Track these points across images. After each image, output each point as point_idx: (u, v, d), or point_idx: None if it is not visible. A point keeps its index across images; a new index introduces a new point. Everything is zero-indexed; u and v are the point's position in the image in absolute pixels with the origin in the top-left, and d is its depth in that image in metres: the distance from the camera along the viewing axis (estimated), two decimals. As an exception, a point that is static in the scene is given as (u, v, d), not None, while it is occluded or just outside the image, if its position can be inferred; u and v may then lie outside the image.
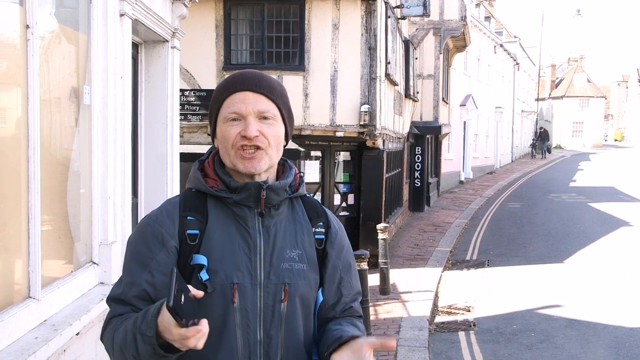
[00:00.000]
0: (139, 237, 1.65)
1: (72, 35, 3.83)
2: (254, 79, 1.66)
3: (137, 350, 1.46)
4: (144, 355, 1.46)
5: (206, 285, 1.57)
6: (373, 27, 10.12)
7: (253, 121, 1.63)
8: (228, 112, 1.65)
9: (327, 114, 10.21)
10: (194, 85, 10.01)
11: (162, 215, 1.65)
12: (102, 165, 3.97)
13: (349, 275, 1.78)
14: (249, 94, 1.64)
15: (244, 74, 1.69)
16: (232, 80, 1.68)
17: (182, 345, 1.40)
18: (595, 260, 10.93)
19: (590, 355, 6.46)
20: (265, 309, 1.61)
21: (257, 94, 1.65)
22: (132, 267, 1.62)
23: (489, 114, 31.07)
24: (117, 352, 1.56)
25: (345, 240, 1.82)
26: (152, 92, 5.27)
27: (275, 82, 1.71)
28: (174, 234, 1.62)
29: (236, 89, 1.65)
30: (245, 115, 1.63)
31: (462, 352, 6.68)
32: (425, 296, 8.59)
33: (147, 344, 1.43)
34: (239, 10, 10.40)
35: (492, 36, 31.07)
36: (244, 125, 1.63)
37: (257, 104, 1.64)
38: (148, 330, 1.43)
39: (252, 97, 1.64)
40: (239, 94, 1.64)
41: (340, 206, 11.05)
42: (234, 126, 1.63)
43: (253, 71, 1.71)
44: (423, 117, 18.00)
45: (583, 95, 56.66)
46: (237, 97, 1.64)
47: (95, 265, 3.93)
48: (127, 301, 1.60)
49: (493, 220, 15.90)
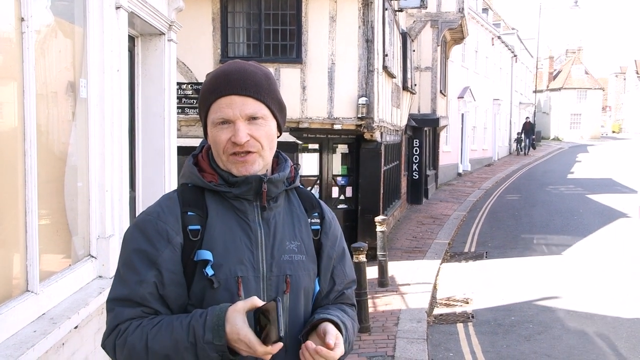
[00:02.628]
0: (140, 235, 1.61)
1: (68, 28, 3.81)
2: (239, 80, 1.61)
3: (197, 358, 1.49)
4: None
5: (212, 280, 1.57)
6: (370, 19, 10.09)
7: (242, 126, 1.59)
8: (216, 117, 1.62)
9: (325, 107, 10.20)
10: (191, 79, 9.98)
11: (163, 212, 1.63)
12: (99, 159, 3.96)
13: (342, 264, 1.79)
14: (235, 98, 1.60)
15: (229, 73, 1.63)
16: (217, 83, 1.63)
17: (251, 354, 1.47)
18: (593, 251, 10.96)
19: (587, 346, 6.49)
20: (269, 300, 1.62)
21: (244, 96, 1.61)
22: (137, 266, 1.58)
23: (486, 106, 31.05)
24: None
25: (338, 230, 1.83)
26: (149, 85, 5.25)
27: (261, 77, 1.65)
28: (179, 230, 1.60)
29: (221, 93, 1.61)
30: (234, 120, 1.60)
31: (460, 343, 6.70)
32: (423, 288, 8.61)
33: (215, 352, 1.47)
34: (235, 2, 10.36)
35: (490, 28, 31.01)
36: (233, 130, 1.60)
37: (244, 108, 1.60)
38: (216, 339, 1.46)
39: (238, 101, 1.60)
40: (225, 98, 1.60)
41: (338, 199, 11.06)
42: (224, 130, 1.61)
43: (238, 68, 1.64)
44: (421, 110, 17.99)
45: (581, 87, 56.60)
46: (224, 102, 1.60)
47: (93, 258, 3.93)
48: (139, 301, 1.56)
49: (491, 213, 15.93)
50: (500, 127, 34.85)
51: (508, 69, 36.85)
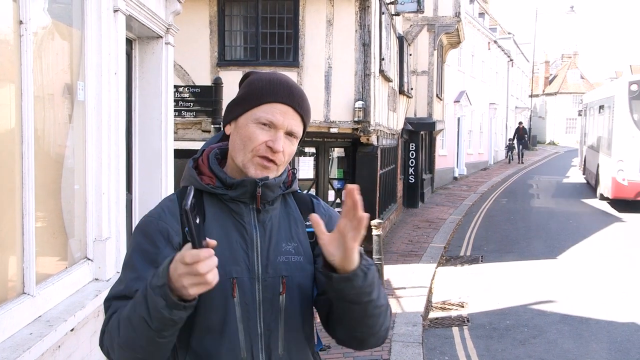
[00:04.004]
0: (142, 236, 1.64)
1: (66, 31, 3.82)
2: (298, 97, 1.67)
3: (148, 311, 1.42)
4: (155, 313, 1.41)
5: None
6: (367, 23, 10.12)
7: (283, 137, 1.64)
8: (264, 116, 1.64)
9: (322, 110, 10.22)
10: (188, 82, 9.99)
11: (164, 213, 1.66)
12: (96, 162, 3.97)
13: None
14: (290, 110, 1.65)
15: (291, 87, 1.68)
16: (280, 88, 1.67)
17: (193, 283, 1.36)
18: (589, 256, 11.00)
19: (582, 350, 6.51)
20: (265, 302, 1.63)
21: (297, 113, 1.67)
22: (137, 264, 1.60)
23: (482, 111, 31.13)
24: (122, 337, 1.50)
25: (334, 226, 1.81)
26: (146, 88, 5.26)
27: (308, 101, 1.73)
28: (178, 231, 1.63)
29: (282, 100, 1.65)
30: (279, 128, 1.64)
31: (455, 347, 6.71)
32: (419, 292, 8.62)
33: (158, 296, 1.39)
34: (233, 6, 10.38)
35: (486, 32, 31.11)
36: (272, 135, 1.63)
37: (292, 123, 1.66)
38: (159, 281, 1.40)
39: (291, 114, 1.66)
40: (282, 106, 1.65)
41: (334, 202, 11.07)
42: (264, 131, 1.64)
43: (296, 85, 1.71)
44: (417, 114, 18.01)
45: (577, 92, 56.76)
46: (280, 108, 1.64)
47: (90, 261, 3.93)
48: (132, 296, 1.55)
49: (487, 217, 15.96)
50: (497, 131, 34.93)
51: (504, 73, 36.96)
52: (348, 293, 1.51)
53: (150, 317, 1.42)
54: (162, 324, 1.43)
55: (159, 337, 1.46)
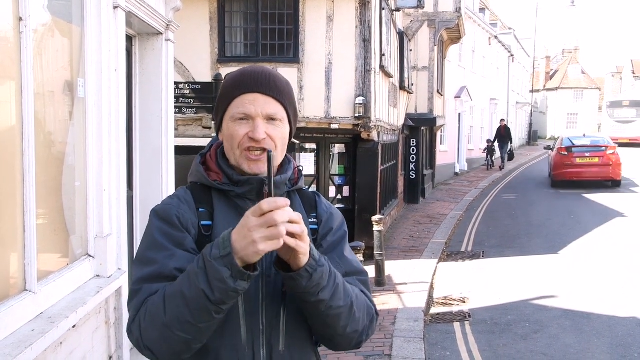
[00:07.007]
0: (162, 221, 1.62)
1: (66, 28, 3.81)
2: (265, 80, 1.66)
3: (208, 283, 1.40)
4: (218, 284, 1.40)
5: None
6: (367, 19, 10.10)
7: (261, 123, 1.64)
8: (237, 112, 1.65)
9: (322, 106, 10.21)
10: (189, 78, 9.98)
11: (183, 204, 1.66)
12: (97, 159, 3.97)
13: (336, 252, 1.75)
14: (259, 96, 1.65)
15: (256, 73, 1.68)
16: (243, 79, 1.67)
17: (265, 236, 1.38)
18: (590, 251, 10.99)
19: (584, 345, 6.51)
20: (267, 298, 1.63)
21: (267, 96, 1.65)
22: (166, 244, 1.58)
23: (483, 106, 31.10)
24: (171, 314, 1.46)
25: (335, 222, 1.80)
26: (146, 85, 5.25)
27: (284, 82, 1.71)
28: (195, 224, 1.65)
29: (247, 90, 1.65)
30: (254, 117, 1.64)
31: (457, 342, 6.72)
32: (420, 287, 8.63)
33: (222, 266, 1.39)
34: (233, 2, 10.36)
35: (487, 28, 31.06)
36: (251, 126, 1.64)
37: (266, 107, 1.65)
38: (222, 251, 1.40)
39: (262, 100, 1.65)
40: (249, 95, 1.65)
41: (335, 198, 11.07)
42: (242, 125, 1.64)
43: (263, 70, 1.70)
44: (418, 109, 17.99)
45: (577, 87, 56.79)
46: (247, 98, 1.65)
47: (91, 258, 3.93)
48: (168, 274, 1.54)
49: (488, 212, 15.95)
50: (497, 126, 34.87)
51: (505, 68, 36.91)
52: (296, 292, 1.54)
53: (212, 289, 1.42)
54: (225, 295, 1.43)
55: (216, 313, 1.46)
